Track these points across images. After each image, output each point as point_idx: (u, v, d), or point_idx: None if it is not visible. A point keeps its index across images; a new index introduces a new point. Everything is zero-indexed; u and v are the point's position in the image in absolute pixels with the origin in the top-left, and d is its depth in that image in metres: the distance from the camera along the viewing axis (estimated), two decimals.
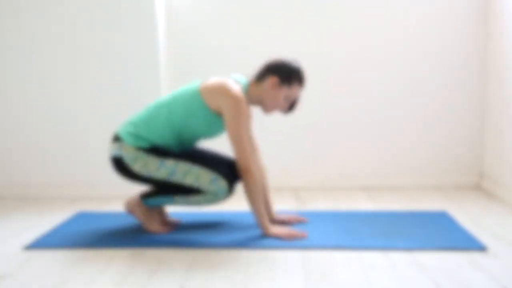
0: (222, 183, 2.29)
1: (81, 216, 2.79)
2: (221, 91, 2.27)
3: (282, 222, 2.54)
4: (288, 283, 1.89)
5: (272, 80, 2.32)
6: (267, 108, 2.39)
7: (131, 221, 2.64)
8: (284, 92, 2.34)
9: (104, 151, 3.22)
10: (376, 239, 2.29)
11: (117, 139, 2.38)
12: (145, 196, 2.44)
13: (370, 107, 3.30)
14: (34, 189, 3.29)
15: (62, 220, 2.74)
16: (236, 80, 2.39)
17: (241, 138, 2.26)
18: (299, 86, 2.37)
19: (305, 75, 2.39)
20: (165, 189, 2.39)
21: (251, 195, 2.30)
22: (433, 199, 3.01)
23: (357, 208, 2.85)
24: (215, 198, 2.31)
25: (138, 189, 3.09)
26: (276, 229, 2.35)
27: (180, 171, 2.30)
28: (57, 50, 3.17)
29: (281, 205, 2.91)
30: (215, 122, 2.34)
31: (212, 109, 2.30)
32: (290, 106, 2.40)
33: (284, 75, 2.33)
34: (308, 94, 3.32)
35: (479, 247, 2.16)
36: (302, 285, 1.87)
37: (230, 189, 2.32)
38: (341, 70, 3.29)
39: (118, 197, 3.16)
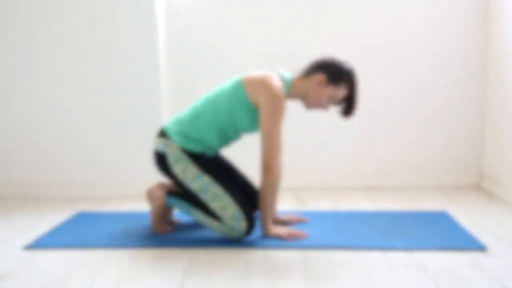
0: (243, 224, 2.26)
1: (81, 216, 2.79)
2: (262, 84, 2.25)
3: (283, 223, 2.54)
4: (288, 283, 1.89)
5: (319, 78, 2.29)
6: (309, 104, 2.36)
7: (131, 221, 2.64)
8: (330, 91, 2.30)
9: (104, 151, 3.23)
10: (376, 239, 2.29)
11: (163, 135, 2.38)
12: (170, 194, 2.43)
13: (370, 107, 3.30)
14: (34, 189, 3.29)
15: (62, 220, 2.74)
16: (281, 74, 2.34)
17: (272, 135, 2.24)
18: (345, 89, 2.31)
19: (356, 79, 2.32)
20: (191, 198, 2.37)
21: (265, 193, 2.30)
22: (433, 199, 3.01)
23: (357, 208, 2.85)
24: (230, 232, 2.28)
25: (137, 190, 3.09)
26: (276, 230, 2.35)
27: (212, 192, 2.28)
28: (57, 50, 3.17)
29: (281, 205, 2.91)
30: (256, 116, 2.31)
31: (252, 102, 2.27)
32: (347, 110, 2.35)
33: (333, 74, 2.29)
34: None
35: (479, 247, 2.16)
36: (302, 285, 1.87)
37: (248, 232, 2.28)
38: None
39: (118, 197, 3.16)
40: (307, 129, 3.33)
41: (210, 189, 2.29)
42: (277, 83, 2.26)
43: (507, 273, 1.92)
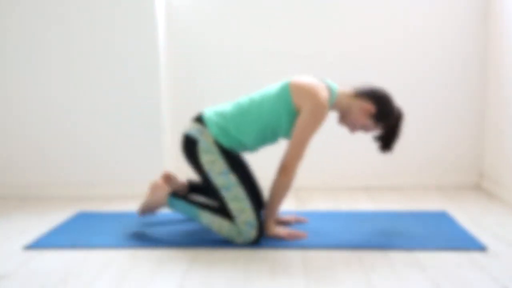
0: (253, 232, 2.25)
1: (81, 216, 2.79)
2: (310, 92, 2.23)
3: (283, 223, 2.54)
4: (288, 283, 1.89)
5: (368, 107, 2.30)
6: (344, 121, 2.37)
7: (131, 221, 2.64)
8: (368, 123, 2.33)
9: (104, 151, 3.23)
10: (376, 239, 2.29)
11: (200, 121, 2.34)
12: (174, 195, 2.40)
13: None
14: (34, 189, 3.29)
15: (62, 220, 2.74)
16: (328, 85, 2.33)
17: (303, 142, 2.24)
18: (382, 127, 2.34)
19: (401, 124, 2.35)
20: (195, 201, 2.36)
21: (276, 193, 2.30)
22: (433, 199, 3.01)
23: (357, 208, 2.85)
24: (238, 236, 2.26)
25: (137, 190, 3.10)
26: (277, 230, 2.35)
27: (234, 192, 2.26)
28: (57, 50, 3.17)
29: (282, 205, 2.91)
30: (293, 120, 2.30)
31: (296, 106, 2.25)
32: (383, 147, 2.38)
33: (381, 112, 2.30)
34: None
35: (479, 247, 2.16)
36: (302, 285, 1.87)
37: (255, 241, 2.27)
38: (341, 70, 3.29)
39: (118, 197, 3.16)
40: None
41: (233, 189, 2.27)
42: (324, 93, 2.25)
43: (507, 273, 1.92)
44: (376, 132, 2.38)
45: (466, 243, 2.22)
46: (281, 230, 2.35)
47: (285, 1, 3.26)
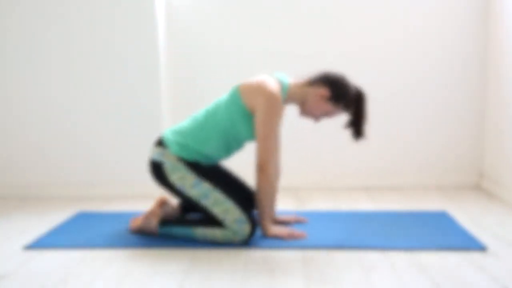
0: (245, 227, 2.25)
1: (81, 216, 2.79)
2: (258, 88, 2.25)
3: (282, 223, 2.54)
4: (288, 283, 1.89)
5: (322, 92, 2.29)
6: (303, 112, 2.37)
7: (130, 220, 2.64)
8: (327, 108, 2.32)
9: (104, 151, 3.23)
10: (376, 239, 2.29)
11: (161, 144, 2.37)
12: (164, 224, 2.39)
13: (370, 107, 3.29)
14: (34, 189, 3.29)
15: (62, 220, 2.74)
16: (278, 78, 2.34)
17: (268, 136, 2.24)
18: (343, 110, 2.33)
19: (362, 104, 2.32)
20: (186, 221, 2.36)
21: (261, 193, 2.31)
22: (433, 199, 3.01)
23: (357, 208, 2.85)
24: (234, 236, 2.26)
25: (137, 190, 3.09)
26: (275, 230, 2.35)
27: (212, 198, 2.27)
28: (57, 50, 3.17)
29: (281, 205, 2.91)
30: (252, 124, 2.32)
31: (249, 108, 2.27)
32: (355, 133, 2.37)
33: (336, 94, 2.29)
34: None
35: (479, 247, 2.16)
36: (302, 285, 1.87)
37: (250, 236, 2.27)
38: (341, 70, 3.28)
39: (118, 197, 3.16)
40: (307, 130, 3.33)
41: (210, 195, 2.28)
42: (273, 86, 2.26)
43: (507, 273, 1.92)
44: (343, 118, 2.33)
45: (466, 243, 2.22)
46: (280, 230, 2.35)
47: (285, 1, 3.26)
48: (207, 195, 2.28)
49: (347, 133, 2.41)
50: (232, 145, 2.39)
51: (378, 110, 3.30)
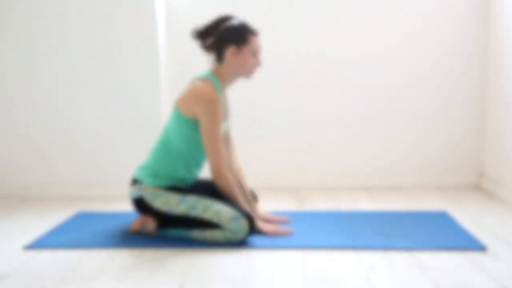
0: (242, 222, 2.25)
1: (81, 216, 2.79)
2: (194, 98, 2.29)
3: (266, 221, 2.53)
4: (288, 283, 1.89)
5: (231, 52, 2.32)
6: (245, 74, 2.39)
7: (131, 221, 2.63)
8: (248, 51, 2.33)
9: (104, 151, 3.23)
10: (376, 239, 2.29)
11: (135, 182, 2.40)
12: (161, 226, 2.39)
13: (370, 107, 3.30)
14: (34, 189, 3.29)
15: (62, 220, 2.74)
16: (202, 77, 2.36)
17: (214, 139, 2.27)
18: (255, 36, 2.35)
19: (252, 25, 2.36)
20: (183, 225, 2.36)
21: (226, 194, 2.33)
22: (433, 199, 3.01)
23: (357, 208, 2.85)
24: (234, 235, 2.25)
25: None
26: (261, 225, 2.36)
27: (201, 206, 2.29)
28: (57, 50, 3.17)
29: (281, 205, 2.91)
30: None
31: (193, 118, 2.30)
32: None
33: (236, 38, 2.31)
34: (308, 94, 3.32)
35: (479, 247, 2.16)
36: (302, 285, 1.87)
37: (250, 230, 2.27)
38: (341, 70, 3.29)
39: (118, 197, 3.16)
40: (307, 130, 3.33)
41: (197, 205, 2.29)
42: (202, 86, 2.28)
43: (507, 273, 1.92)
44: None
45: (466, 243, 2.22)
46: (266, 226, 2.37)
47: (285, 1, 3.26)
48: (195, 206, 2.29)
49: (348, 133, 2.41)
50: (199, 159, 2.42)
51: (378, 110, 3.31)
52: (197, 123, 2.32)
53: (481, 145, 3.29)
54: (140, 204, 2.38)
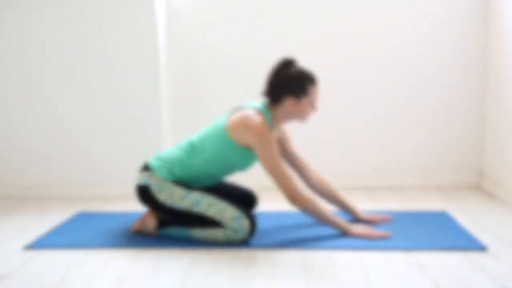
0: (244, 222, 2.25)
1: (81, 216, 2.79)
2: (244, 126, 2.25)
3: (367, 221, 2.53)
4: (288, 283, 1.89)
5: (290, 101, 2.30)
6: (300, 120, 2.39)
7: (131, 221, 2.63)
8: (306, 101, 2.32)
9: (104, 151, 3.23)
10: (376, 239, 2.29)
11: (146, 169, 2.39)
12: (162, 225, 2.39)
13: (370, 107, 3.30)
14: (34, 189, 3.29)
15: (62, 220, 2.74)
16: (256, 108, 2.33)
17: (276, 168, 2.24)
18: (315, 86, 2.34)
19: (313, 73, 2.33)
20: (183, 221, 2.36)
21: (312, 216, 2.30)
22: (433, 199, 3.01)
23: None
24: (235, 235, 2.26)
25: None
26: (358, 229, 2.32)
27: (205, 203, 2.28)
28: (57, 50, 3.17)
29: (281, 205, 2.91)
30: (248, 156, 2.35)
31: (241, 145, 2.30)
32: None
33: (297, 89, 2.29)
34: None
35: (479, 247, 2.16)
36: (302, 285, 1.87)
37: (251, 231, 2.27)
38: (341, 71, 3.29)
39: (118, 197, 3.16)
40: (307, 130, 3.33)
41: (202, 201, 2.29)
42: (257, 119, 2.25)
43: (507, 273, 1.92)
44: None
45: (466, 243, 2.22)
46: (363, 230, 2.32)
47: (286, 1, 3.26)
48: (199, 202, 2.29)
49: (348, 133, 2.41)
50: (219, 176, 2.41)
51: (378, 110, 3.31)
52: (245, 150, 2.31)
53: (481, 145, 3.29)
54: (144, 193, 2.37)
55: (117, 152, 3.23)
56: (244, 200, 2.52)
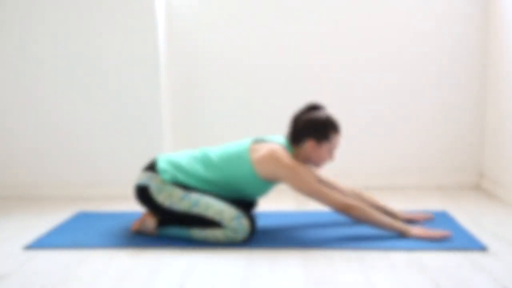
0: (244, 222, 2.25)
1: (81, 216, 2.79)
2: (275, 162, 2.28)
3: (410, 221, 2.52)
4: (288, 283, 1.89)
5: (310, 144, 2.34)
6: (315, 165, 2.42)
7: (131, 221, 2.63)
8: (326, 147, 2.36)
9: (104, 151, 3.23)
10: (376, 239, 2.29)
11: (151, 168, 2.39)
12: (162, 224, 2.39)
13: (370, 107, 3.30)
14: (34, 189, 3.29)
15: (62, 220, 2.74)
16: (279, 143, 2.38)
17: (316, 190, 2.27)
18: (338, 135, 2.38)
19: (337, 121, 2.38)
20: (183, 222, 2.35)
21: (365, 221, 2.29)
22: (433, 199, 3.01)
23: None
24: (234, 235, 2.25)
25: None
26: (418, 231, 2.29)
27: (203, 203, 2.28)
28: (57, 50, 3.17)
29: (281, 205, 2.91)
30: (264, 189, 2.39)
31: (265, 178, 2.32)
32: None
33: (319, 134, 2.33)
34: (309, 95, 3.32)
35: (479, 247, 2.16)
36: (302, 285, 1.87)
37: (251, 231, 2.27)
38: (342, 71, 3.29)
39: (118, 197, 3.16)
40: None
41: (200, 202, 2.29)
42: (285, 154, 2.30)
43: (507, 273, 1.92)
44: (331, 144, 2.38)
45: (466, 243, 2.22)
46: (422, 231, 2.29)
47: (287, 1, 3.26)
48: (197, 203, 2.29)
49: (348, 134, 2.41)
50: (227, 195, 2.39)
51: (378, 110, 3.31)
52: (264, 181, 2.34)
53: (481, 145, 3.29)
54: (143, 193, 2.37)
55: (117, 152, 3.23)
56: (243, 200, 2.52)
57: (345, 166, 3.35)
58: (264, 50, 3.28)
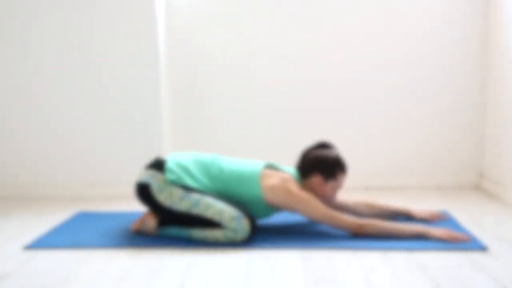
0: (244, 222, 2.25)
1: (81, 216, 2.79)
2: (287, 194, 2.32)
3: (423, 219, 2.53)
4: (288, 283, 1.89)
5: (317, 179, 2.40)
6: (320, 198, 2.44)
7: (131, 221, 2.63)
8: (331, 185, 2.41)
9: (104, 151, 3.23)
10: (376, 239, 2.29)
11: (154, 166, 2.39)
12: (162, 224, 2.39)
13: (370, 107, 3.30)
14: (34, 189, 3.29)
15: (62, 220, 2.74)
16: (291, 173, 2.43)
17: (326, 216, 2.30)
18: (344, 175, 2.43)
19: (345, 163, 2.44)
20: (183, 222, 2.35)
21: (381, 235, 2.29)
22: (433, 199, 3.01)
23: None
24: (235, 235, 2.25)
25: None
26: (440, 232, 2.27)
27: (203, 204, 2.28)
28: (57, 50, 3.17)
29: None
30: (268, 213, 2.43)
31: (271, 204, 2.37)
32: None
33: (327, 172, 2.40)
34: (309, 95, 3.32)
35: (480, 247, 2.16)
36: (302, 285, 1.87)
37: (251, 231, 2.27)
38: (342, 71, 3.29)
39: (118, 197, 3.16)
40: (307, 130, 3.33)
41: (200, 202, 2.29)
42: (295, 186, 2.35)
43: (507, 273, 1.92)
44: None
45: (467, 243, 2.22)
46: (442, 232, 2.27)
47: (288, 1, 3.26)
48: (198, 203, 2.29)
49: (348, 134, 2.41)
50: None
51: (378, 110, 3.31)
52: (270, 207, 2.39)
53: (481, 145, 3.29)
54: (143, 191, 2.37)
55: (117, 152, 3.23)
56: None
57: None
58: (264, 50, 3.28)
